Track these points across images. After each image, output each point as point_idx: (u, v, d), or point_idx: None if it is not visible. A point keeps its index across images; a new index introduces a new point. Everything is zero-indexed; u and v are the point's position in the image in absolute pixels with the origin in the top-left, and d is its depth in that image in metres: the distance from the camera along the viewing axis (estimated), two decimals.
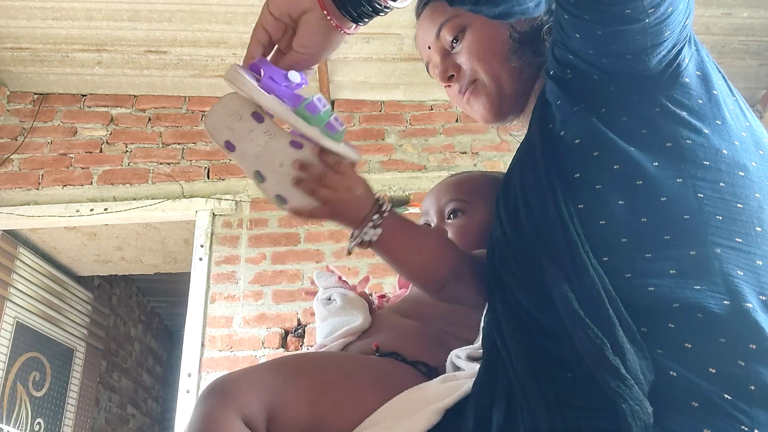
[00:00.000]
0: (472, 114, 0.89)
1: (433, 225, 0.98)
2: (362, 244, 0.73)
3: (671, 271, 0.57)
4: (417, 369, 0.77)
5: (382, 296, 1.10)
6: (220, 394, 0.66)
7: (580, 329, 0.54)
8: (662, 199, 0.60)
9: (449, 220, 0.97)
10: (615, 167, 0.62)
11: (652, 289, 0.56)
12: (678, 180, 0.60)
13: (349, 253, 0.77)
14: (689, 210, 0.59)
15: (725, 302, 0.54)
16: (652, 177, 0.61)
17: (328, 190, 0.69)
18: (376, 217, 0.72)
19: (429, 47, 0.88)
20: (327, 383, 0.70)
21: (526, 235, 0.66)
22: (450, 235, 0.94)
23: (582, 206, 0.62)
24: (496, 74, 0.84)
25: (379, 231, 0.72)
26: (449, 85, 0.89)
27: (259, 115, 0.71)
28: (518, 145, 0.81)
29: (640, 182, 0.61)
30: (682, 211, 0.59)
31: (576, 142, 0.66)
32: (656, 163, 0.61)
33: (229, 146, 0.72)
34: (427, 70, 0.92)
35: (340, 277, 1.09)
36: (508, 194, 0.75)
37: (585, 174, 0.63)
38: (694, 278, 0.56)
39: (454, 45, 0.86)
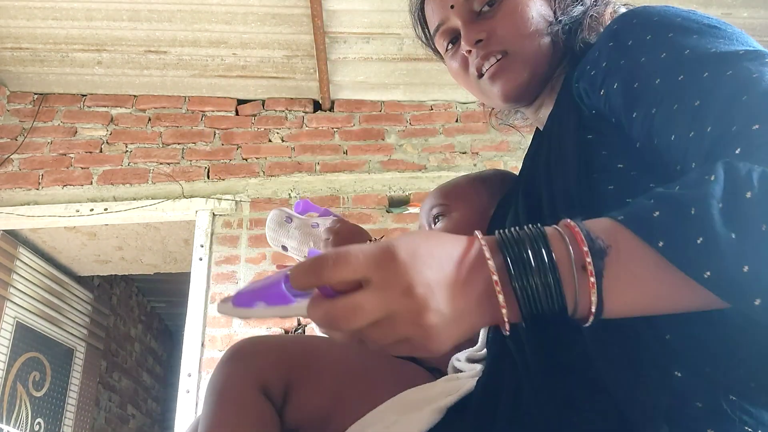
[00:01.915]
0: (484, 90, 0.81)
1: None
2: None
3: None
4: (434, 375, 0.77)
5: None
6: (241, 360, 0.68)
7: (602, 350, 0.54)
8: None
9: (434, 226, 1.00)
10: (651, 185, 0.60)
11: None
12: None
13: None
14: None
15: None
16: None
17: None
18: None
19: (452, 6, 0.80)
20: (348, 375, 0.71)
21: None
22: None
23: None
24: (534, 50, 0.76)
25: None
26: (470, 51, 0.79)
27: (288, 219, 1.10)
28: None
29: None
30: None
31: (619, 167, 0.63)
32: None
33: (284, 248, 1.09)
34: (430, 34, 0.85)
35: None
36: (529, 197, 0.72)
37: (618, 188, 0.61)
38: None
39: (485, 10, 0.78)
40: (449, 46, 0.84)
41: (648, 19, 0.64)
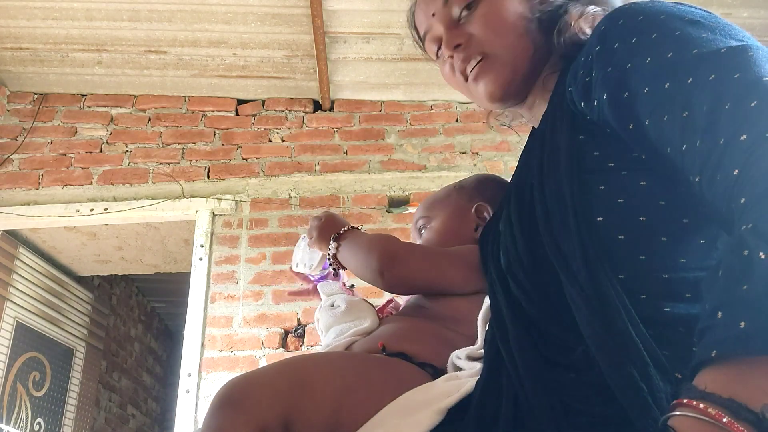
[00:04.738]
0: (472, 92, 0.83)
1: None
2: (334, 241, 1.02)
3: (687, 295, 0.56)
4: (425, 371, 0.77)
5: (390, 301, 1.10)
6: (232, 406, 0.63)
7: (607, 355, 0.53)
8: (684, 221, 0.59)
9: (419, 238, 1.07)
10: (642, 183, 0.61)
11: (668, 309, 0.56)
12: None
13: (334, 271, 1.08)
14: (708, 234, 0.59)
15: None
16: (678, 198, 0.60)
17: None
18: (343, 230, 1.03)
19: (433, 14, 0.83)
20: (344, 388, 0.68)
21: (542, 247, 0.64)
22: None
23: (601, 219, 0.61)
24: (512, 50, 0.78)
25: (347, 227, 1.03)
26: (452, 56, 0.81)
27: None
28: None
29: (664, 203, 0.60)
30: (702, 235, 0.59)
31: (610, 165, 0.64)
32: (684, 188, 0.59)
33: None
34: (421, 40, 0.87)
35: (344, 284, 1.10)
36: (522, 199, 0.72)
37: (609, 188, 0.62)
38: None
39: (464, 15, 0.80)
40: (438, 52, 0.86)
41: (634, 19, 0.64)
